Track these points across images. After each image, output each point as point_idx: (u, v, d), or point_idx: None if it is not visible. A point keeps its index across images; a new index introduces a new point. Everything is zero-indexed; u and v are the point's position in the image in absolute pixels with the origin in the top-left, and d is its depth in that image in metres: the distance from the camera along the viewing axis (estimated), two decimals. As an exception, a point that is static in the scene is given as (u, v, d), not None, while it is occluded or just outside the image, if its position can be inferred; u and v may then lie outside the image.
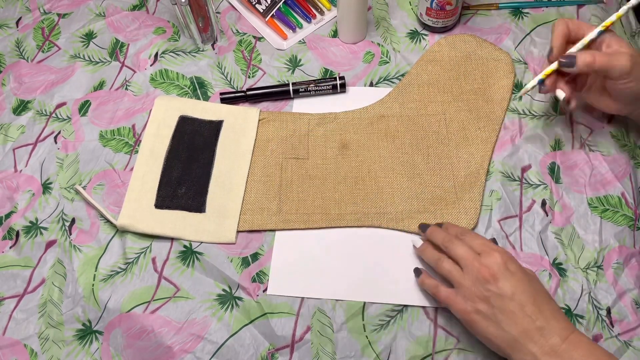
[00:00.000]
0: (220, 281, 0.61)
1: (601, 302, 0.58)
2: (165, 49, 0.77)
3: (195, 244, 0.63)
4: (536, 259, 0.61)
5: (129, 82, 0.75)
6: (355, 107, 0.71)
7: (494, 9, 0.78)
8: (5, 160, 0.70)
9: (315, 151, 0.68)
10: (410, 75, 0.73)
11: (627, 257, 0.60)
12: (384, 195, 0.65)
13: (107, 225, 0.65)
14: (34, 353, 0.58)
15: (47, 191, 0.67)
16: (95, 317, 0.60)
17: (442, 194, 0.64)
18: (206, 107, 0.71)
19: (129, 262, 0.63)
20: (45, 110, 0.73)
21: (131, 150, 0.70)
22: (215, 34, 0.77)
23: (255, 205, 0.65)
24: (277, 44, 0.77)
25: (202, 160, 0.68)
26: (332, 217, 0.64)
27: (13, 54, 0.79)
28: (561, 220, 0.63)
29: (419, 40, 0.76)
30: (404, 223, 0.63)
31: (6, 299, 0.61)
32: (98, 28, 0.80)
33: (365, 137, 0.68)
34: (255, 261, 0.62)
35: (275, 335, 0.58)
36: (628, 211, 0.63)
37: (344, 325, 0.58)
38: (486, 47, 0.74)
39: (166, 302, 0.60)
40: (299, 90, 0.71)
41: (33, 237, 0.65)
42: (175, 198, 0.65)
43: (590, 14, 0.76)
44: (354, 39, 0.76)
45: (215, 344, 0.58)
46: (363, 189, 0.65)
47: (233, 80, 0.74)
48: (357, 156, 0.67)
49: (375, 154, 0.67)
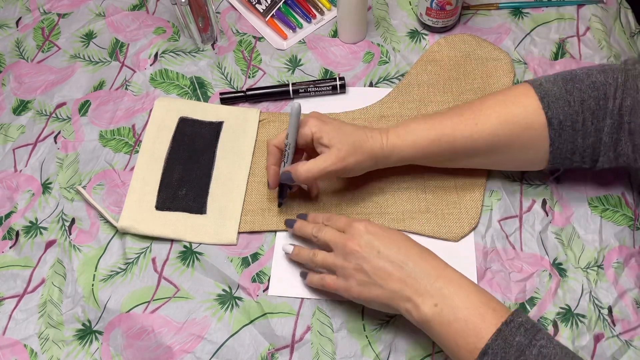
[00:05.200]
0: (220, 281, 0.61)
1: (602, 302, 0.58)
2: (165, 49, 0.77)
3: (195, 244, 0.63)
4: (536, 259, 0.61)
5: (129, 82, 0.75)
6: (355, 107, 0.71)
7: (494, 9, 0.78)
8: (5, 160, 0.70)
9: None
10: (410, 76, 0.73)
11: (627, 257, 0.60)
12: (385, 195, 0.65)
13: (107, 225, 0.65)
14: (34, 353, 0.58)
15: (47, 191, 0.67)
16: (95, 317, 0.60)
17: (444, 193, 0.64)
18: (206, 109, 0.71)
19: (128, 262, 0.62)
20: (45, 110, 0.73)
21: (131, 150, 0.70)
22: (215, 34, 0.77)
23: (256, 206, 0.65)
24: (277, 44, 0.77)
25: (202, 161, 0.68)
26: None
27: (13, 54, 0.79)
28: (561, 220, 0.63)
29: (419, 40, 0.76)
30: (406, 223, 0.63)
31: (6, 299, 0.61)
32: (98, 28, 0.80)
33: (365, 137, 0.68)
34: (255, 261, 0.62)
35: (275, 336, 0.58)
36: (628, 211, 0.63)
37: (343, 325, 0.58)
38: (486, 47, 0.74)
39: (166, 302, 0.60)
40: (298, 90, 0.71)
41: (33, 237, 0.65)
42: (176, 200, 0.65)
43: (590, 13, 0.76)
44: (354, 39, 0.76)
45: (215, 344, 0.58)
46: (364, 189, 0.65)
47: (233, 81, 0.74)
48: (357, 156, 0.67)
49: (375, 154, 0.67)
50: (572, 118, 0.54)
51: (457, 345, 0.47)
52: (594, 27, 0.75)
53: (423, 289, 0.49)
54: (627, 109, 0.53)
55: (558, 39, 0.75)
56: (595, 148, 0.55)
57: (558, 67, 0.72)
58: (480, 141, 0.57)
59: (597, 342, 0.56)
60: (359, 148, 0.57)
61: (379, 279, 0.51)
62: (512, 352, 0.45)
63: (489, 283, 0.60)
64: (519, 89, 0.57)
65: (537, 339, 0.46)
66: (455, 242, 0.62)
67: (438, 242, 0.62)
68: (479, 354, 0.46)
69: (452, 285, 0.49)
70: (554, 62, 0.73)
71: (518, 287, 0.59)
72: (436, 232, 0.62)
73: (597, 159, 0.56)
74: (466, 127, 0.57)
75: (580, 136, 0.55)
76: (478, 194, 0.64)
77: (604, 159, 0.56)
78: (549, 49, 0.74)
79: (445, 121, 0.58)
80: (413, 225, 0.63)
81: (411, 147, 0.58)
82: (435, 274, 0.50)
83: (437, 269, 0.50)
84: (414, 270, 0.50)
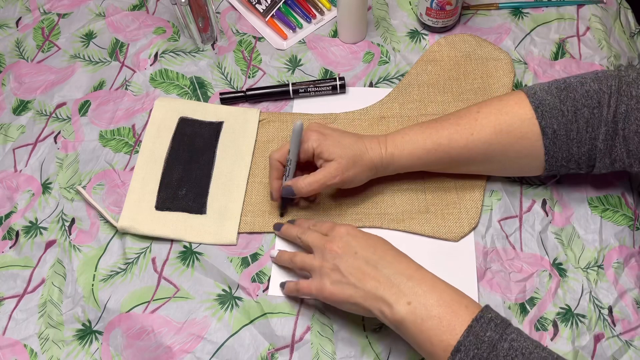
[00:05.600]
0: (220, 281, 0.61)
1: (602, 302, 0.58)
2: (165, 48, 0.77)
3: (195, 244, 0.63)
4: (536, 259, 0.61)
5: (129, 82, 0.75)
6: (355, 107, 0.71)
7: (494, 9, 0.78)
8: (5, 160, 0.70)
9: (315, 151, 0.68)
10: (410, 76, 0.73)
11: (627, 257, 0.60)
12: (384, 196, 0.65)
13: (107, 225, 0.65)
14: (34, 353, 0.58)
15: (47, 191, 0.67)
16: (95, 317, 0.60)
17: (444, 194, 0.64)
18: (206, 109, 0.71)
19: (128, 262, 0.62)
20: (45, 110, 0.73)
21: (131, 150, 0.70)
22: (215, 34, 0.77)
23: (256, 207, 0.65)
24: (277, 44, 0.77)
25: (202, 161, 0.68)
26: (333, 218, 0.64)
27: (13, 54, 0.79)
28: (561, 220, 0.63)
29: (419, 40, 0.76)
30: (405, 224, 0.63)
31: (6, 299, 0.61)
32: (98, 28, 0.80)
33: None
34: (255, 261, 0.62)
35: (275, 336, 0.58)
36: (628, 211, 0.63)
37: (343, 325, 0.58)
38: (486, 47, 0.74)
39: (166, 302, 0.60)
40: (298, 90, 0.71)
41: (33, 237, 0.65)
42: (175, 200, 0.65)
43: (590, 13, 0.76)
44: (354, 39, 0.76)
45: (215, 344, 0.58)
46: (363, 190, 0.65)
47: (233, 81, 0.74)
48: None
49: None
50: (566, 127, 0.55)
51: (431, 344, 0.47)
52: (594, 27, 0.75)
53: (396, 288, 0.50)
54: (621, 116, 0.53)
55: (558, 39, 0.75)
56: (591, 155, 0.56)
57: (558, 67, 0.72)
58: (475, 150, 0.58)
59: (597, 342, 0.56)
60: (358, 160, 0.58)
61: (353, 278, 0.51)
62: (484, 348, 0.45)
63: (489, 283, 0.60)
64: (514, 97, 0.58)
65: (508, 333, 0.46)
66: (455, 242, 0.62)
67: (438, 242, 0.62)
68: (452, 351, 0.46)
69: (425, 284, 0.50)
70: (554, 62, 0.73)
71: (518, 287, 0.59)
72: (436, 232, 0.62)
73: (593, 165, 0.57)
74: (462, 137, 0.58)
75: (575, 145, 0.55)
76: (478, 194, 0.64)
77: (600, 165, 0.56)
78: (549, 49, 0.74)
79: (442, 131, 0.58)
80: (413, 225, 0.63)
81: (408, 157, 0.59)
82: (408, 274, 0.50)
83: (410, 269, 0.51)
84: (388, 271, 0.51)
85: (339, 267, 0.52)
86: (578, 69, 0.72)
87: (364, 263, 0.52)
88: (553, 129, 0.55)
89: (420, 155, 0.59)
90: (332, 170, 0.57)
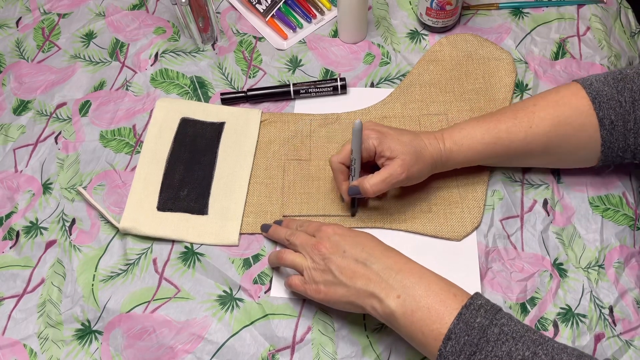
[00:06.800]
0: (221, 282, 0.61)
1: (603, 301, 0.58)
2: (165, 48, 0.77)
3: (196, 245, 0.63)
4: (537, 259, 0.61)
5: (130, 82, 0.75)
6: (356, 107, 0.71)
7: (494, 9, 0.78)
8: (5, 161, 0.70)
9: (317, 153, 0.68)
10: (412, 76, 0.73)
11: (628, 257, 0.60)
12: (387, 196, 0.64)
13: (108, 225, 0.65)
14: (34, 353, 0.58)
15: (48, 191, 0.67)
16: (94, 317, 0.60)
17: (446, 193, 0.64)
18: (207, 109, 0.71)
19: (129, 263, 0.62)
20: (46, 111, 0.73)
21: (132, 151, 0.70)
22: (215, 34, 0.77)
23: (258, 207, 0.65)
24: (277, 44, 0.77)
25: (204, 162, 0.68)
26: (335, 219, 0.64)
27: (13, 54, 0.79)
28: (562, 220, 0.63)
29: (419, 40, 0.76)
30: (408, 223, 0.63)
31: (6, 299, 0.61)
32: (98, 28, 0.80)
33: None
34: (256, 262, 0.62)
35: (276, 336, 0.58)
36: (629, 211, 0.63)
37: (344, 325, 0.58)
38: (487, 47, 0.74)
39: (166, 302, 0.60)
40: (299, 91, 0.71)
41: (33, 237, 0.65)
42: (177, 200, 0.65)
43: (590, 13, 0.76)
44: (354, 39, 0.76)
45: (216, 344, 0.58)
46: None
47: (233, 81, 0.74)
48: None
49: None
50: (624, 118, 0.55)
51: (422, 334, 0.48)
52: (594, 27, 0.75)
53: (385, 283, 0.50)
54: None
55: (558, 38, 0.75)
56: None
57: (558, 66, 0.73)
58: (534, 143, 0.58)
59: (597, 342, 0.56)
60: (420, 157, 0.58)
61: (344, 277, 0.52)
62: (474, 334, 0.45)
63: (490, 283, 0.60)
64: (570, 89, 0.58)
65: (498, 318, 0.46)
66: (458, 241, 0.62)
67: (440, 241, 0.62)
68: (443, 339, 0.46)
69: (413, 277, 0.50)
70: (555, 62, 0.73)
71: (519, 287, 0.59)
72: (439, 232, 0.62)
73: None
74: (520, 130, 0.58)
75: (632, 135, 0.56)
76: (480, 193, 0.64)
77: None
78: (550, 49, 0.74)
79: (500, 124, 0.59)
80: (415, 225, 0.63)
81: (467, 151, 0.59)
82: (397, 268, 0.51)
83: (399, 263, 0.51)
84: (377, 267, 0.51)
85: (329, 267, 0.53)
86: (578, 68, 0.72)
87: (353, 261, 0.52)
88: (610, 119, 0.55)
89: (479, 150, 0.59)
90: (397, 167, 0.57)
